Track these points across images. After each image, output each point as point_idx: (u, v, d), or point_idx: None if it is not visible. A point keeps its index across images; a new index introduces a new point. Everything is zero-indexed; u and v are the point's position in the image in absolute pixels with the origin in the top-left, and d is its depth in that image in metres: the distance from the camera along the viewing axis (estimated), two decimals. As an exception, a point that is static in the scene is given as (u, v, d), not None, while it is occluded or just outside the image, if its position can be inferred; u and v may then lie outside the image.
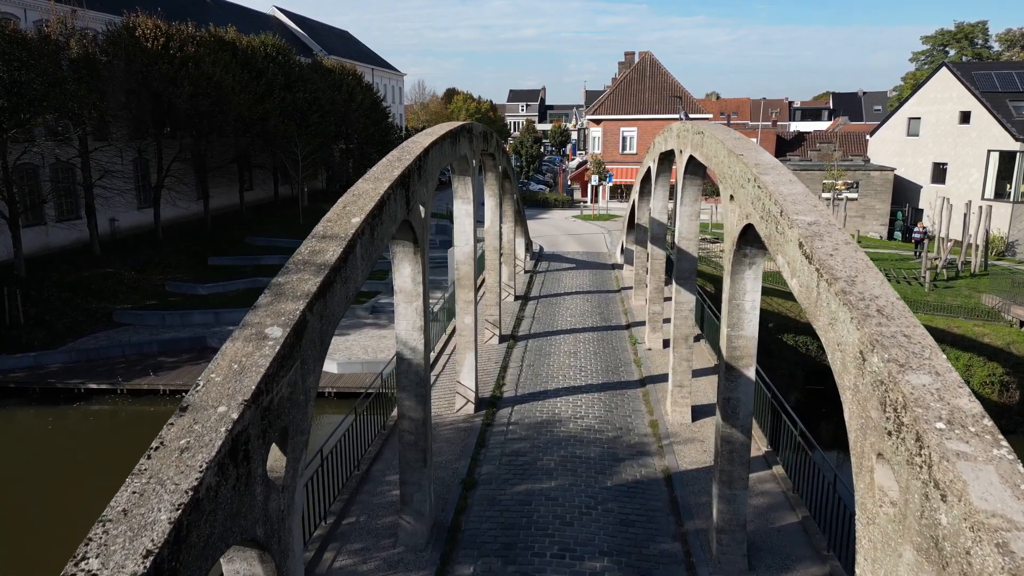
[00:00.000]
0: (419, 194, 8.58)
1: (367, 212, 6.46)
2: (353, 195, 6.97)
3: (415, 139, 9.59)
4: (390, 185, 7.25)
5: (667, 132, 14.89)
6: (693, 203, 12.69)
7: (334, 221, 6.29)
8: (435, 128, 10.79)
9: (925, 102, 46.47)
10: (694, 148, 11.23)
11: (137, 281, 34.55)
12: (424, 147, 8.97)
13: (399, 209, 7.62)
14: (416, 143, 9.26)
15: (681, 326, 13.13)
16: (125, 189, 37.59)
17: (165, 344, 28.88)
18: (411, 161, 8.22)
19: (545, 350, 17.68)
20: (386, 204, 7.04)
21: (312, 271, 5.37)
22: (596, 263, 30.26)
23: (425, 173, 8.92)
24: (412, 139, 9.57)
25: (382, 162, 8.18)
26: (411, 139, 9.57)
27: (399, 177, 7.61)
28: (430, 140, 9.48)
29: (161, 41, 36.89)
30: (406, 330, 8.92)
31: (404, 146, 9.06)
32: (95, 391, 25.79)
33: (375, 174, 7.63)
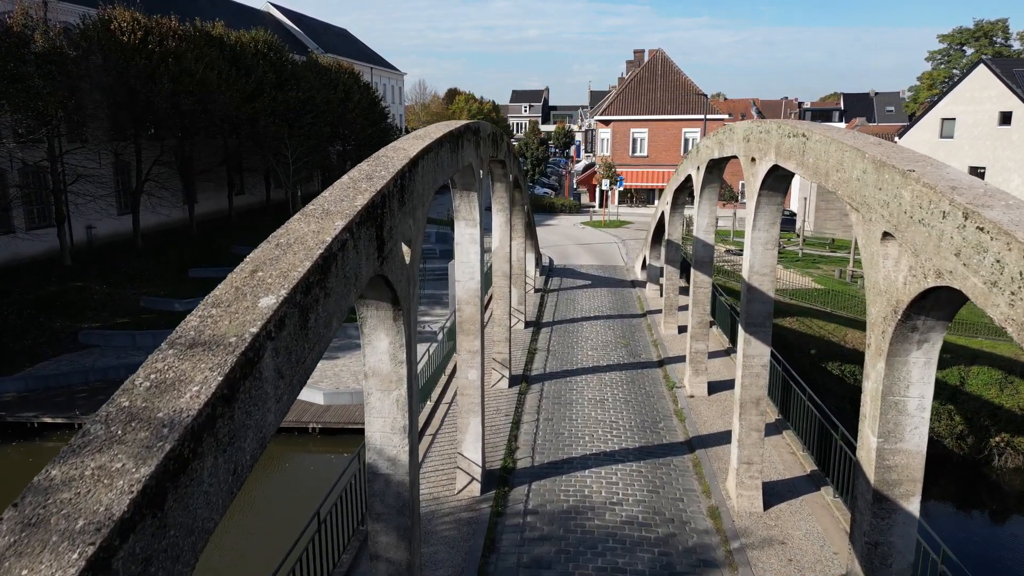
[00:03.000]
0: (401, 230, 5.58)
1: (292, 284, 3.46)
2: (277, 245, 3.98)
3: (399, 144, 6.58)
4: (347, 225, 4.24)
5: (724, 134, 11.86)
6: (771, 227, 9.66)
7: (225, 305, 3.30)
8: (429, 129, 7.78)
9: (960, 102, 43.39)
10: (785, 156, 8.20)
11: (108, 296, 31.55)
12: (410, 157, 5.95)
13: (364, 260, 4.62)
14: (399, 151, 6.25)
15: (751, 387, 10.09)
16: (100, 195, 34.59)
17: (133, 369, 25.32)
18: (388, 180, 5.22)
19: (565, 397, 14.63)
20: (336, 260, 4.04)
21: (141, 443, 2.40)
22: (614, 280, 27.20)
23: (411, 197, 5.91)
24: (394, 145, 6.56)
25: (341, 182, 5.18)
26: (392, 145, 6.56)
27: (365, 208, 4.60)
28: (420, 146, 6.46)
29: (139, 35, 33.96)
30: (382, 432, 5.90)
31: (380, 156, 6.05)
32: (50, 426, 22.83)
33: (325, 204, 4.63)
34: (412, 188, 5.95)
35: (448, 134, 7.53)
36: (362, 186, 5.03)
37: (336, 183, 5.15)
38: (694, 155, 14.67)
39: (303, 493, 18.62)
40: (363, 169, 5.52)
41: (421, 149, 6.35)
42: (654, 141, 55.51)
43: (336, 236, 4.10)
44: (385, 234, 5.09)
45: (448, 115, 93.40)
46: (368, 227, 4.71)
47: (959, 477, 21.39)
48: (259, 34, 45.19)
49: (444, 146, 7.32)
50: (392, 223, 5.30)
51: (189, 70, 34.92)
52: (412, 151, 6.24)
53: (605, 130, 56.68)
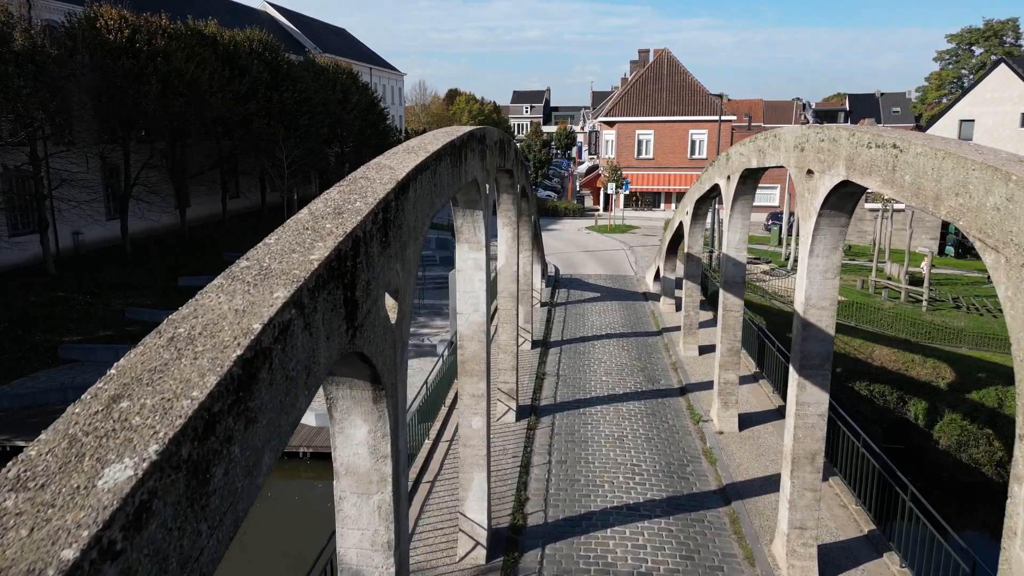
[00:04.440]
0: (384, 280, 4.07)
1: (176, 430, 1.96)
2: (170, 340, 2.46)
3: (384, 161, 5.05)
4: (292, 296, 2.74)
5: (766, 141, 10.33)
6: (832, 252, 8.13)
7: (37, 486, 1.79)
8: (425, 138, 6.26)
9: (980, 103, 41.90)
10: (863, 170, 6.68)
11: (92, 307, 30.02)
12: (398, 179, 4.42)
13: (323, 341, 3.10)
14: (383, 169, 4.72)
15: (806, 440, 8.55)
16: (86, 200, 33.08)
17: (115, 387, 24.26)
18: (365, 215, 3.70)
19: (579, 433, 13.09)
20: (271, 359, 2.54)
21: None
22: (624, 292, 25.66)
23: (400, 233, 4.40)
24: (378, 162, 5.03)
25: (297, 219, 3.66)
26: (376, 162, 5.04)
27: (325, 263, 3.10)
28: (412, 163, 4.94)
29: (126, 33, 32.49)
30: (360, 550, 4.37)
31: (357, 177, 4.52)
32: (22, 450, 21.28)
33: (265, 257, 3.11)
34: (401, 221, 4.44)
35: (448, 145, 6.01)
36: (325, 227, 3.51)
37: (289, 221, 3.63)
38: (723, 163, 13.14)
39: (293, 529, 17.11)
40: (331, 199, 4.00)
41: (414, 167, 4.82)
42: (660, 143, 54.03)
43: (273, 318, 2.59)
44: (359, 294, 3.57)
45: (448, 116, 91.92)
46: (331, 290, 3.19)
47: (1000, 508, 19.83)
48: (254, 33, 43.75)
49: (443, 161, 5.79)
50: (370, 275, 3.78)
51: (179, 70, 33.49)
52: (401, 170, 4.71)
53: (610, 131, 55.19)
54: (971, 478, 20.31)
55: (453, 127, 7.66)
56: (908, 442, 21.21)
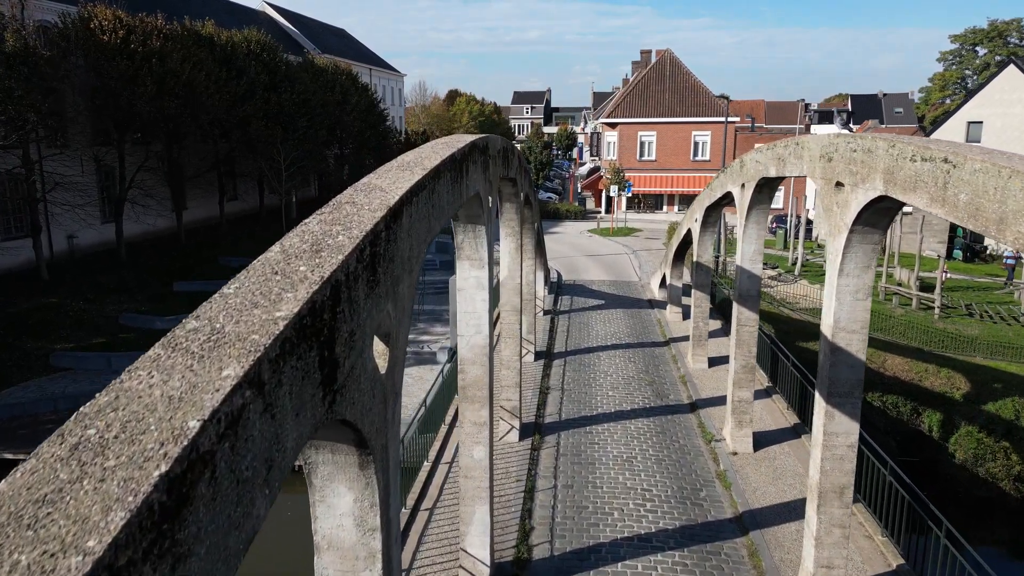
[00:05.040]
0: (372, 324, 3.45)
1: None
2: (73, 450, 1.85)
3: (375, 181, 4.42)
4: (249, 372, 2.13)
5: (787, 149, 9.69)
6: (864, 271, 7.51)
7: None
8: (423, 151, 5.64)
9: (989, 104, 41.22)
10: (905, 186, 6.05)
11: (85, 313, 29.40)
12: (390, 205, 3.80)
13: (291, 420, 2.49)
14: (373, 191, 4.09)
15: (834, 473, 7.93)
16: (80, 203, 32.45)
17: (107, 396, 23.68)
18: (348, 252, 3.08)
19: (586, 454, 12.46)
20: (214, 465, 1.93)
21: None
22: (629, 299, 25.02)
23: (392, 267, 3.78)
24: (367, 182, 4.40)
25: (266, 259, 3.04)
26: (364, 182, 4.41)
27: (295, 321, 2.49)
28: (407, 182, 4.32)
29: (120, 34, 31.90)
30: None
31: (342, 203, 3.89)
32: (11, 463, 20.68)
33: (218, 317, 2.49)
34: (393, 253, 3.82)
35: (448, 160, 5.39)
36: (299, 270, 2.89)
37: (256, 263, 3.01)
38: (737, 170, 12.51)
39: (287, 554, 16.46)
40: (308, 232, 3.37)
41: (408, 188, 4.20)
42: (662, 144, 53.44)
43: (218, 409, 1.97)
44: (339, 350, 2.95)
45: (448, 117, 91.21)
46: (303, 353, 2.58)
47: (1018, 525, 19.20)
48: (252, 34, 43.16)
49: (442, 178, 5.17)
50: (354, 324, 3.16)
51: (174, 71, 32.90)
52: (394, 192, 4.09)
53: (612, 133, 54.60)
54: (988, 493, 19.68)
55: (453, 137, 7.04)
56: (922, 455, 20.58)
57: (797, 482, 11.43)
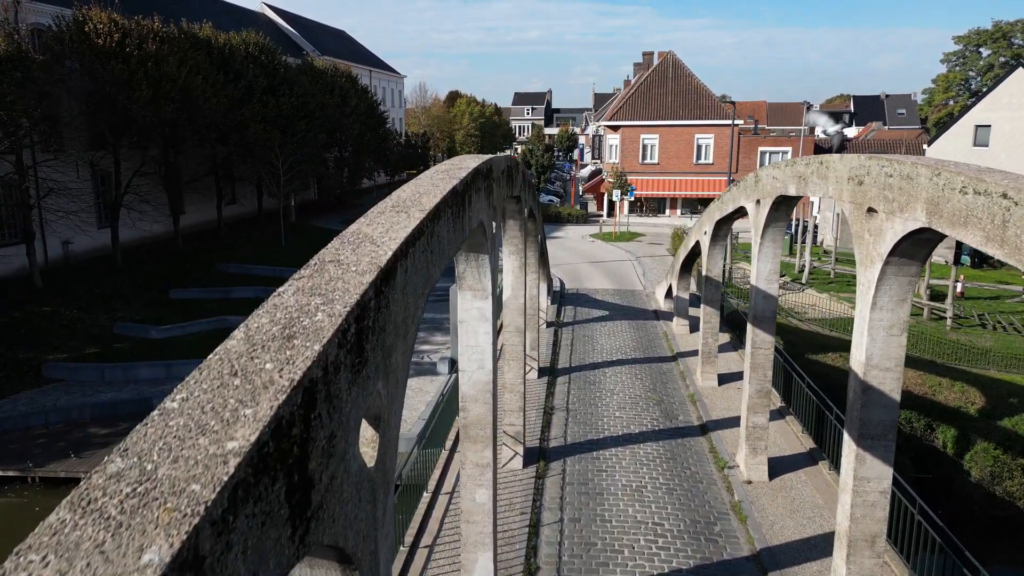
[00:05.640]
0: (352, 421, 2.88)
1: None
2: None
3: (364, 228, 3.82)
4: (181, 547, 1.57)
5: (808, 167, 9.11)
6: (899, 305, 6.94)
7: None
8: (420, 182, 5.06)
9: (997, 108, 40.63)
10: (955, 220, 5.47)
11: (79, 322, 28.85)
12: (381, 265, 3.23)
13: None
14: (361, 245, 3.51)
15: (865, 521, 7.35)
16: (74, 210, 31.89)
17: (100, 409, 23.26)
18: (326, 340, 2.52)
19: (593, 483, 11.88)
20: None
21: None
22: (634, 309, 24.43)
23: (382, 338, 3.22)
24: (355, 230, 3.82)
25: (226, 349, 2.47)
26: (352, 231, 3.82)
27: (253, 450, 1.93)
28: (403, 231, 3.74)
29: (115, 37, 31.35)
30: None
31: (323, 263, 3.30)
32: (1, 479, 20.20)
33: (146, 456, 1.93)
34: (385, 322, 3.25)
35: (450, 194, 4.81)
36: (264, 369, 2.31)
37: (213, 358, 2.43)
38: (751, 185, 11.94)
39: None
40: (281, 307, 2.79)
41: (404, 239, 3.62)
42: (665, 148, 52.87)
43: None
44: (313, 467, 2.38)
45: (449, 118, 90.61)
46: (263, 492, 2.01)
47: (1038, 545, 18.61)
48: (250, 36, 42.63)
49: (443, 217, 4.60)
50: (335, 425, 2.60)
51: (170, 75, 32.37)
52: (387, 245, 3.52)
53: (614, 136, 54.02)
54: (1005, 512, 19.11)
55: (454, 161, 6.48)
56: (937, 471, 20.01)
57: (816, 515, 10.86)
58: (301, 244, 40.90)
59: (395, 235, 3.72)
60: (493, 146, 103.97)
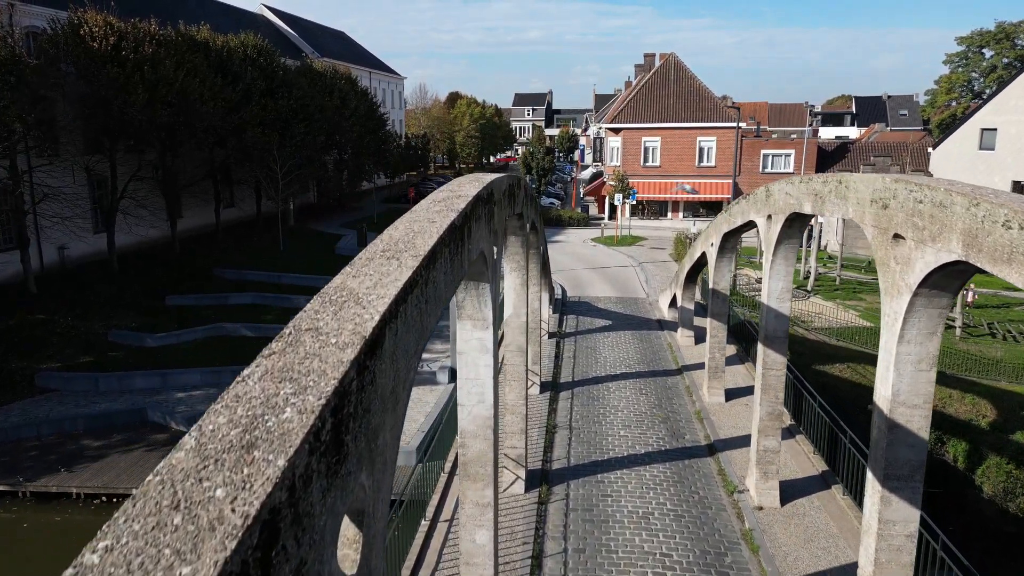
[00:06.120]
0: (327, 535, 2.45)
1: None
2: None
3: (349, 282, 3.38)
4: None
5: (825, 185, 8.66)
6: (929, 338, 6.50)
7: None
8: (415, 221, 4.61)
9: (1003, 111, 40.16)
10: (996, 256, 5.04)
11: (73, 330, 28.42)
12: (367, 336, 2.80)
13: None
14: (345, 305, 3.08)
15: (890, 566, 6.89)
16: (70, 215, 31.46)
17: (93, 420, 22.84)
18: (292, 452, 2.08)
19: (598, 510, 11.42)
20: None
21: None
22: (637, 319, 23.97)
23: (363, 424, 2.78)
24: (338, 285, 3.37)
25: (145, 497, 2.04)
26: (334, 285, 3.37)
27: None
28: (394, 284, 3.30)
29: (111, 41, 30.92)
30: None
31: (301, 331, 2.88)
32: (-8, 494, 19.77)
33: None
34: (370, 401, 2.81)
35: (448, 232, 4.37)
36: (214, 497, 1.88)
37: (152, 484, 2.00)
38: (762, 199, 11.50)
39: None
40: (246, 399, 2.33)
41: (395, 296, 3.18)
42: (667, 150, 52.45)
43: None
44: None
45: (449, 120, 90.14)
46: None
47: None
48: (248, 38, 42.20)
49: (440, 259, 4.16)
50: (305, 548, 2.16)
51: (167, 78, 31.94)
52: (374, 305, 3.08)
53: (615, 138, 53.59)
54: (1018, 529, 18.65)
55: (453, 188, 6.03)
56: (947, 486, 19.55)
57: (831, 545, 10.41)
58: (299, 249, 40.45)
59: (384, 291, 3.27)
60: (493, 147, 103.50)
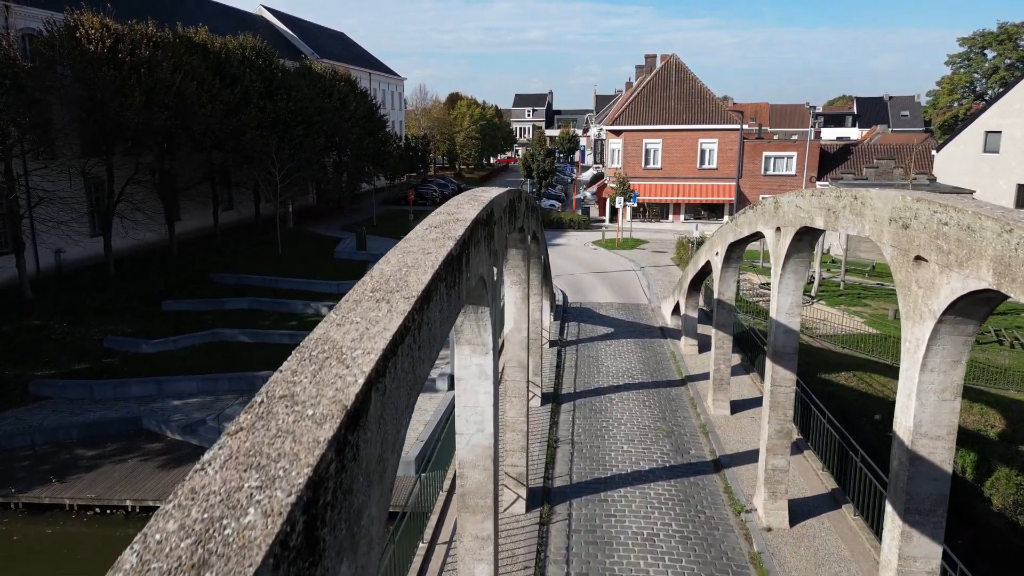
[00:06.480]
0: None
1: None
2: None
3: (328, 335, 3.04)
4: None
5: (840, 200, 8.30)
6: (953, 367, 6.15)
7: None
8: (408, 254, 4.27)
9: (1008, 113, 39.83)
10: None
11: (68, 336, 28.08)
12: (346, 406, 2.45)
13: None
14: (326, 364, 2.73)
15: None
16: (63, 220, 31.12)
17: (88, 429, 22.52)
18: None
19: (602, 531, 11.06)
20: None
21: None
22: (640, 326, 23.61)
23: (341, 515, 2.44)
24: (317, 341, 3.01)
25: None
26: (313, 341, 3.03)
27: None
28: (383, 338, 2.97)
29: (108, 43, 30.60)
30: None
31: (273, 399, 2.55)
32: (-16, 505, 19.45)
33: None
34: (348, 482, 2.48)
35: (444, 265, 4.03)
36: None
37: None
38: (771, 211, 11.14)
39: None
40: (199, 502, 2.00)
41: (383, 351, 2.84)
42: (668, 152, 52.10)
43: None
44: None
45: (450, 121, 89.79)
46: None
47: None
48: (246, 40, 41.87)
49: (435, 296, 3.82)
50: None
51: (164, 81, 31.62)
52: (360, 363, 2.73)
53: (616, 140, 53.22)
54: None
55: (450, 210, 5.69)
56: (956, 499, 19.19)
57: (843, 569, 10.06)
58: (298, 252, 40.09)
59: (371, 343, 2.93)
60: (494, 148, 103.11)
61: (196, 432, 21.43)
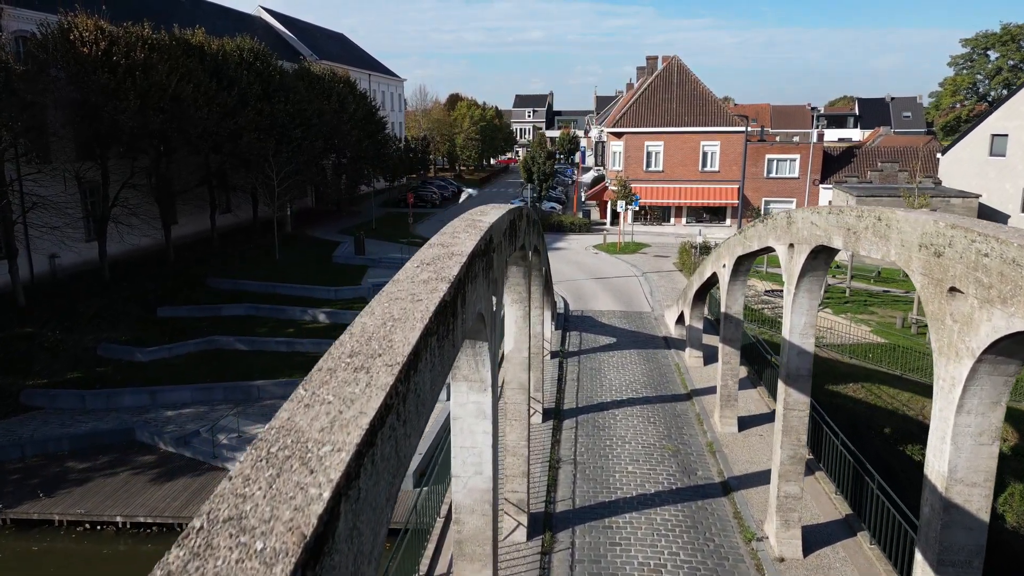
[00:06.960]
0: None
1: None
2: None
3: (295, 424, 2.57)
4: None
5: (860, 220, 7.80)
6: (992, 408, 5.67)
7: None
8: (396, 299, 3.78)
9: (1015, 116, 39.30)
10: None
11: (62, 344, 27.58)
12: (312, 534, 1.98)
13: None
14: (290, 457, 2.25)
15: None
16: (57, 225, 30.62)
17: (79, 440, 22.05)
18: None
19: (606, 561, 10.55)
20: None
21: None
22: (643, 336, 23.10)
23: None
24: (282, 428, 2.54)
25: None
26: (279, 428, 2.54)
27: None
28: (366, 416, 2.49)
29: (102, 46, 30.11)
30: None
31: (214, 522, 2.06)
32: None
33: None
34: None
35: (436, 317, 3.55)
36: None
37: None
38: (783, 227, 10.64)
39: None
40: None
41: (357, 445, 2.35)
42: (670, 155, 51.62)
43: None
44: None
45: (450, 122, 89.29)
46: None
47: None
48: (244, 42, 41.37)
49: (424, 357, 3.33)
50: None
51: (159, 84, 31.12)
52: (322, 476, 2.24)
53: (617, 143, 52.73)
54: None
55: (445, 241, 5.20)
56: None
57: (860, 605, 9.57)
58: (296, 257, 39.59)
59: (342, 436, 2.43)
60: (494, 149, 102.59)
61: (189, 444, 20.96)
